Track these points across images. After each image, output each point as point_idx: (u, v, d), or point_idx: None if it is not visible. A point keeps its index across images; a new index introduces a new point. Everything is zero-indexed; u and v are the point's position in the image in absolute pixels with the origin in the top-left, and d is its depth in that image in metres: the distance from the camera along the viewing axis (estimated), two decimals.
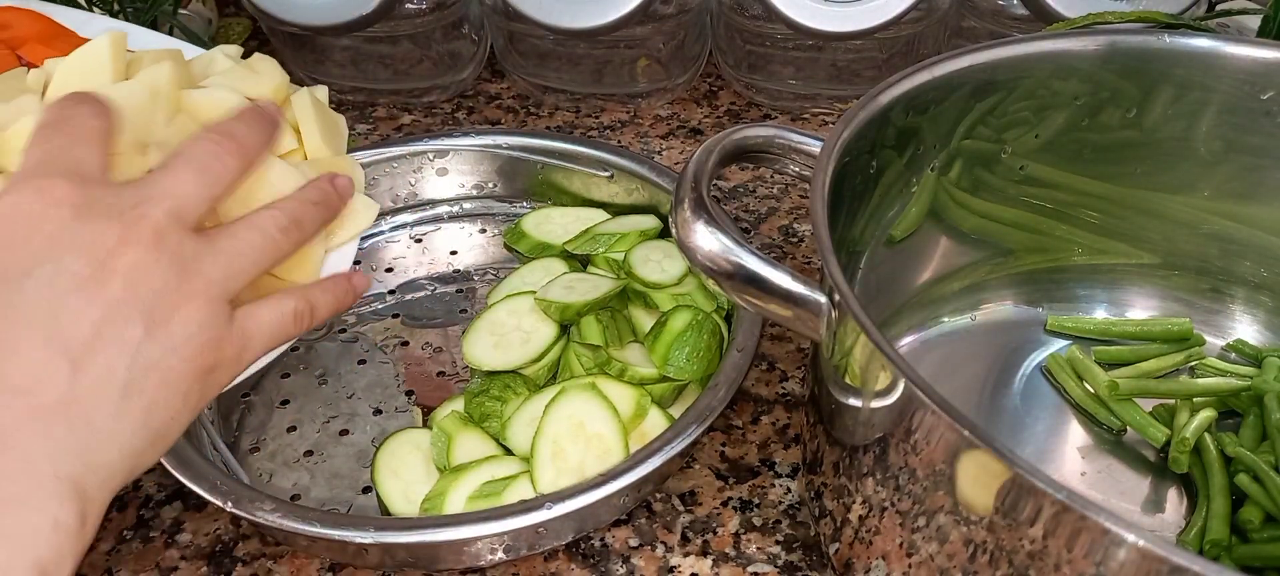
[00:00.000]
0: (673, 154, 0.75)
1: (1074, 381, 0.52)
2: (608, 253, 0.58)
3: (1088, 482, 0.48)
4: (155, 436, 0.34)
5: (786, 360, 0.57)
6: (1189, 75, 0.49)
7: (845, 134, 0.43)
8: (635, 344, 0.53)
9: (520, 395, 0.50)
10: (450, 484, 0.46)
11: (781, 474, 0.51)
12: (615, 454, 0.46)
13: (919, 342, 0.54)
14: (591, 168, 0.63)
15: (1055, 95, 0.50)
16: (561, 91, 0.80)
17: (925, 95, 0.47)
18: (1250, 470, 0.45)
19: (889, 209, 0.51)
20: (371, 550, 0.43)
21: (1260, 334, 0.54)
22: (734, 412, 0.54)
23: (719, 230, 0.40)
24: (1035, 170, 0.53)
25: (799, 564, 0.47)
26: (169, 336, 0.34)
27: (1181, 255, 0.55)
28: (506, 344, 0.53)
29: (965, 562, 0.34)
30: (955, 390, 0.52)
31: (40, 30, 0.54)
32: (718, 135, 0.44)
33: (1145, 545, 0.28)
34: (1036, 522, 0.31)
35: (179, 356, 0.35)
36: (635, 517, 0.49)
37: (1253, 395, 0.48)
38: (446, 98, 0.81)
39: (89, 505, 0.32)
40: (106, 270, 0.33)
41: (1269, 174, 0.51)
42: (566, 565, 0.47)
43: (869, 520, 0.40)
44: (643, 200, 0.62)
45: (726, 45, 0.79)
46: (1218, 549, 0.44)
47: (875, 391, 0.36)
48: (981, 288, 0.56)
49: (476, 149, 0.64)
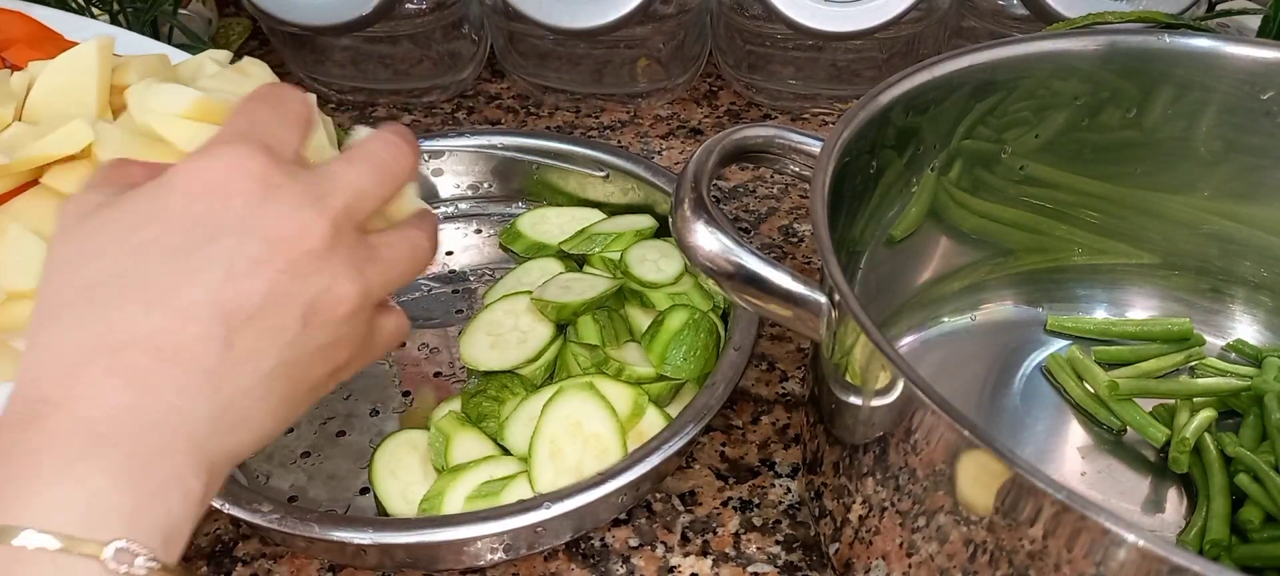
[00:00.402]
0: (673, 154, 0.75)
1: (1074, 381, 0.51)
2: (604, 252, 0.58)
3: (1088, 482, 0.48)
4: (280, 423, 0.35)
5: (786, 360, 0.57)
6: (1189, 75, 0.49)
7: (845, 134, 0.43)
8: (632, 343, 0.53)
9: (517, 395, 0.50)
10: (448, 484, 0.46)
11: (781, 474, 0.51)
12: (613, 453, 0.46)
13: (919, 342, 0.54)
14: (587, 168, 0.63)
15: (1055, 95, 0.50)
16: (561, 91, 0.80)
17: (925, 95, 0.47)
18: (1250, 470, 0.45)
19: (889, 209, 0.51)
20: (370, 551, 0.43)
21: (1260, 334, 0.54)
22: (734, 412, 0.54)
23: (719, 230, 0.39)
24: (1035, 170, 0.53)
25: (799, 564, 0.47)
26: (321, 334, 0.35)
27: (1181, 255, 0.55)
28: (503, 344, 0.53)
29: (965, 562, 0.34)
30: (955, 390, 0.52)
31: (28, 33, 0.54)
32: (718, 135, 0.44)
33: (1145, 545, 0.28)
34: (1036, 522, 0.31)
35: (322, 354, 0.35)
36: (635, 517, 0.49)
37: (1253, 395, 0.48)
38: (446, 98, 0.81)
39: (213, 478, 0.32)
40: (280, 257, 0.33)
41: (1269, 174, 0.51)
42: (566, 565, 0.47)
43: (869, 520, 0.40)
44: (638, 200, 0.62)
45: (726, 45, 0.79)
46: (1218, 549, 0.44)
47: (875, 391, 0.36)
48: (981, 288, 0.56)
49: (472, 149, 0.64)
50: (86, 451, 0.30)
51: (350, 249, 0.35)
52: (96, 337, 0.31)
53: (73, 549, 0.28)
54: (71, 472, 0.29)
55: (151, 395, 0.31)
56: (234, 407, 0.33)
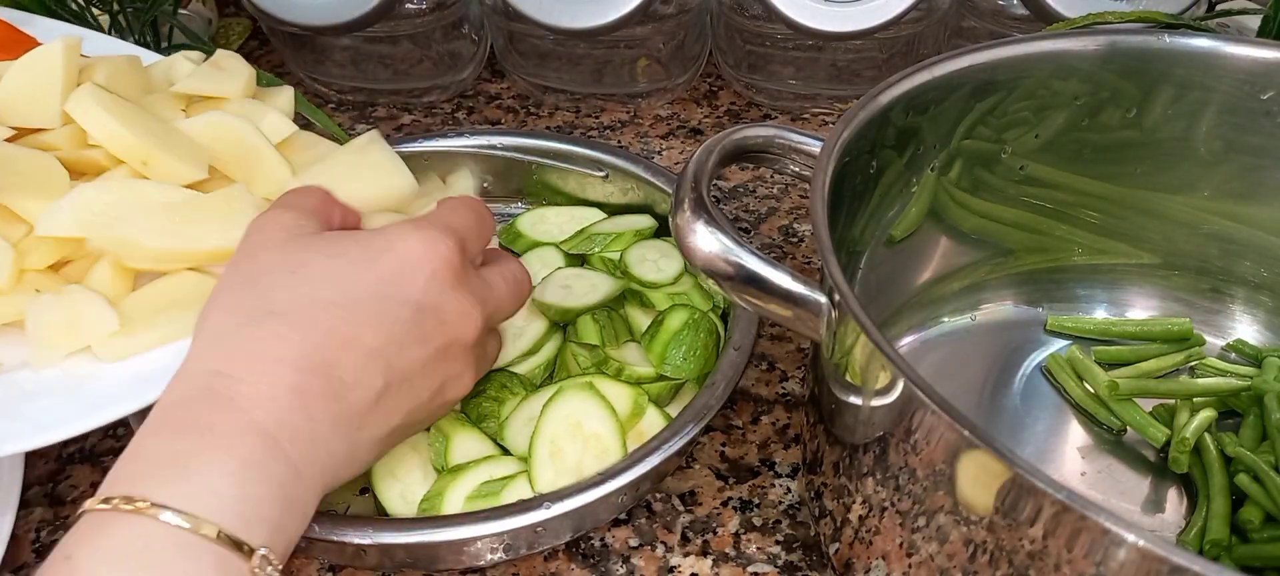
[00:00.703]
0: (673, 154, 0.75)
1: (1074, 381, 0.51)
2: (603, 252, 0.58)
3: (1088, 482, 0.48)
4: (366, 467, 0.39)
5: (786, 360, 0.57)
6: (1189, 75, 0.49)
7: (845, 134, 0.43)
8: (632, 343, 0.53)
9: (517, 395, 0.50)
10: (448, 484, 0.46)
11: (781, 474, 0.51)
12: (613, 453, 0.46)
13: (919, 342, 0.54)
14: (586, 167, 0.63)
15: (1055, 95, 0.50)
16: (561, 91, 0.80)
17: (925, 95, 0.47)
18: (1250, 470, 0.45)
19: (889, 209, 0.51)
20: (370, 551, 0.43)
21: (1260, 334, 0.54)
22: (734, 412, 0.54)
23: (719, 230, 0.39)
24: (1035, 170, 0.53)
25: (799, 564, 0.47)
26: (443, 404, 0.41)
27: (1181, 255, 0.55)
28: (505, 341, 0.53)
29: (965, 562, 0.34)
30: (955, 390, 0.52)
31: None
32: (718, 135, 0.44)
33: (1145, 545, 0.28)
34: (1036, 522, 0.31)
35: (440, 401, 0.40)
36: (635, 517, 0.49)
37: (1253, 395, 0.48)
38: (446, 98, 0.81)
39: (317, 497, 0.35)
40: (445, 337, 0.39)
41: (1269, 174, 0.51)
42: (566, 565, 0.47)
43: (869, 520, 0.40)
44: (638, 200, 0.62)
45: (726, 45, 0.79)
46: (1218, 549, 0.44)
47: (875, 391, 0.36)
48: (981, 287, 0.56)
49: (471, 150, 0.64)
50: (259, 459, 0.33)
51: (480, 346, 0.41)
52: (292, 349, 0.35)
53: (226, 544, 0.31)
54: (244, 474, 0.32)
55: (316, 423, 0.34)
56: (360, 450, 0.37)
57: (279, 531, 0.33)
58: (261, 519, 0.32)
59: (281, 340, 0.35)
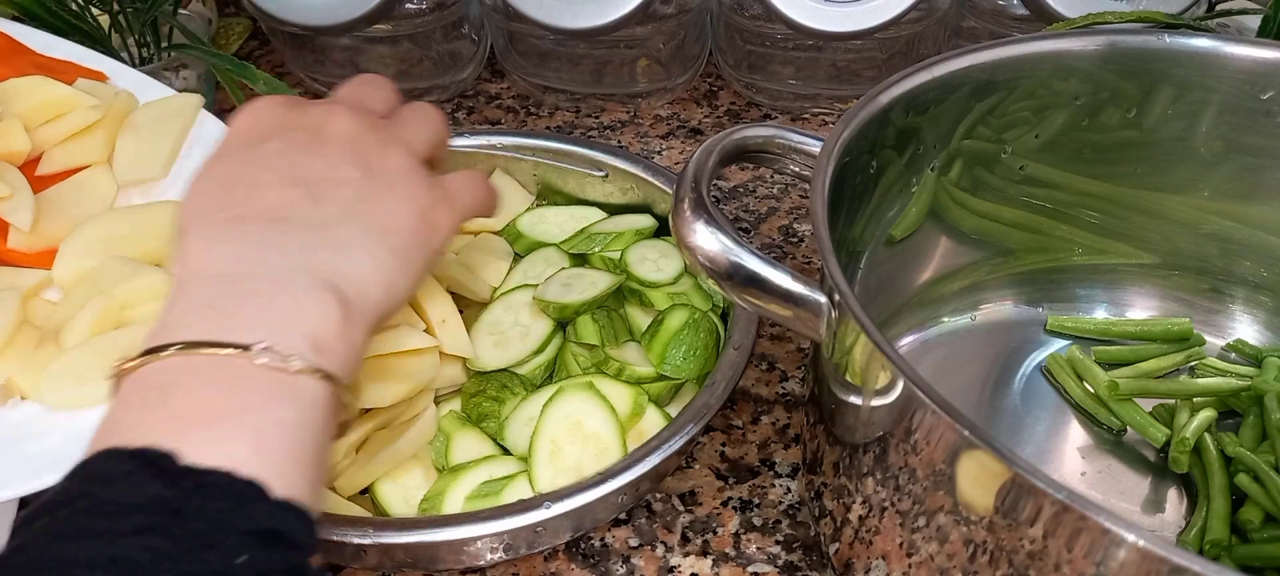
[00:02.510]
0: (673, 154, 0.75)
1: (1074, 381, 0.51)
2: (604, 251, 0.58)
3: (1088, 482, 0.48)
4: (402, 262, 0.39)
5: (786, 360, 0.57)
6: (1189, 75, 0.49)
7: (845, 134, 0.43)
8: (632, 343, 0.53)
9: (517, 395, 0.50)
10: (448, 484, 0.46)
11: (781, 474, 0.51)
12: (613, 452, 0.46)
13: (919, 342, 0.54)
14: (586, 167, 0.63)
15: (1055, 95, 0.50)
16: (561, 91, 0.80)
17: (925, 95, 0.47)
18: (1250, 470, 0.45)
19: (889, 209, 0.51)
20: (370, 551, 0.43)
21: (1260, 334, 0.54)
22: (734, 412, 0.54)
23: (719, 230, 0.39)
24: (1035, 170, 0.53)
25: (799, 564, 0.47)
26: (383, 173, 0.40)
27: (1181, 255, 0.55)
28: (506, 341, 0.53)
29: (965, 562, 0.34)
30: (955, 390, 0.52)
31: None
32: (718, 135, 0.44)
33: (1145, 545, 0.28)
34: (1036, 522, 0.31)
35: (394, 190, 0.40)
36: (635, 517, 0.49)
37: (1253, 395, 0.48)
38: (446, 98, 0.81)
39: (350, 310, 0.36)
40: (324, 137, 0.40)
41: (1269, 174, 0.51)
42: (566, 565, 0.47)
43: (869, 520, 0.40)
44: (637, 199, 0.62)
45: (726, 45, 0.79)
46: (1218, 549, 0.44)
47: (875, 391, 0.36)
48: (981, 287, 0.56)
49: (471, 150, 0.64)
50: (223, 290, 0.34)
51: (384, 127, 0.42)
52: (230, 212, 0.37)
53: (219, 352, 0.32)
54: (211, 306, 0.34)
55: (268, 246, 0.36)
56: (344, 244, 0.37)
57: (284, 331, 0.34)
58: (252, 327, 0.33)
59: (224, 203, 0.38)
